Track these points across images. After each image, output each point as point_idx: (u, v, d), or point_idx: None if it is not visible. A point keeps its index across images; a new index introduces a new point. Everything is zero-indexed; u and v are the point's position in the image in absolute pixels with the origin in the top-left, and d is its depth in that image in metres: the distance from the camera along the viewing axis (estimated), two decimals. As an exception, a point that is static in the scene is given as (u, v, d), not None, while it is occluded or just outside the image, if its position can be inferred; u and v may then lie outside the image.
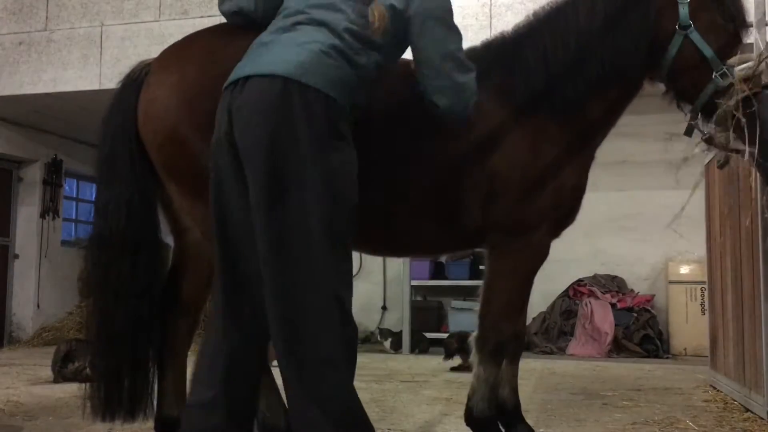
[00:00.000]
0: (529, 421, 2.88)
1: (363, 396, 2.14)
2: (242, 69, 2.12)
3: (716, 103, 2.48)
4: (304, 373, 2.01)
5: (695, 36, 2.48)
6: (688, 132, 2.65)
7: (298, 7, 2.21)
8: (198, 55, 2.48)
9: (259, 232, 2.03)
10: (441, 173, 2.52)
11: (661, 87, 2.70)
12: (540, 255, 2.66)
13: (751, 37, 2.72)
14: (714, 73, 2.47)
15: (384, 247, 2.99)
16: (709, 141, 2.61)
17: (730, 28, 2.52)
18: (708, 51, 2.48)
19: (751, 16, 2.69)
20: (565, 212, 2.67)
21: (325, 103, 2.04)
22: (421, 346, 7.59)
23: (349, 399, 2.05)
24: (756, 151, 2.53)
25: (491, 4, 6.05)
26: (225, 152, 2.09)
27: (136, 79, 2.51)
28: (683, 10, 2.49)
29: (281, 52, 2.10)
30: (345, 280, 2.08)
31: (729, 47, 2.53)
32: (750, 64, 2.46)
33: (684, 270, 7.71)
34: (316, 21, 2.14)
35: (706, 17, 2.50)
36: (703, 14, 2.50)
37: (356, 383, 2.08)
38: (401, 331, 7.64)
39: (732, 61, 2.48)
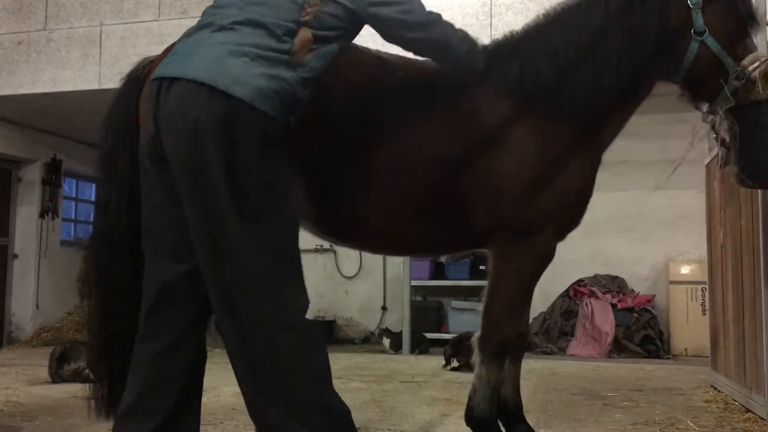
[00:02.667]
0: (530, 422, 2.88)
1: (363, 396, 2.12)
2: (170, 66, 2.09)
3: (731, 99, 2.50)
4: (257, 373, 2.02)
5: (710, 41, 2.48)
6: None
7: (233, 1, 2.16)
8: None
9: (194, 237, 2.06)
10: (446, 172, 2.51)
11: (669, 88, 2.69)
12: (545, 256, 2.65)
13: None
14: (730, 76, 2.48)
15: (387, 247, 2.98)
16: (722, 142, 2.62)
17: (741, 29, 2.52)
18: (725, 56, 2.48)
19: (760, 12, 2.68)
20: (571, 214, 2.66)
21: (251, 115, 1.99)
22: (421, 347, 7.57)
23: (316, 395, 2.03)
24: (734, 160, 2.57)
25: (491, 4, 6.03)
26: (149, 157, 2.15)
27: (139, 76, 2.49)
28: (697, 16, 2.48)
29: (210, 54, 2.05)
30: (286, 274, 2.07)
31: (741, 48, 2.53)
32: (762, 61, 2.46)
33: (684, 270, 7.70)
34: (254, 22, 2.08)
35: (720, 21, 2.49)
36: (716, 19, 2.49)
37: (356, 384, 2.05)
38: (401, 332, 7.62)
39: (746, 61, 2.48)
